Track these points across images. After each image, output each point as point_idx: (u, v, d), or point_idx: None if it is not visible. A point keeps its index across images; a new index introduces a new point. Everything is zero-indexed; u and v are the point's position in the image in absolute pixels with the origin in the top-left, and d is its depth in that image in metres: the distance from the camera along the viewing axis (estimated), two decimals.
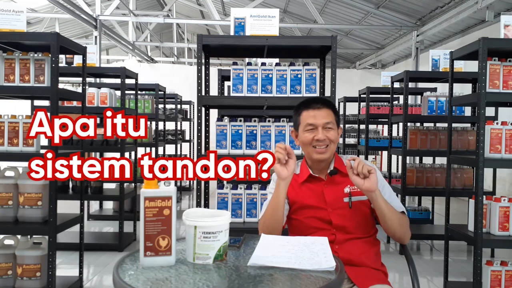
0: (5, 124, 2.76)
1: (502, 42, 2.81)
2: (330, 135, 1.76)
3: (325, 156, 1.76)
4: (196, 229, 1.26)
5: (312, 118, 1.77)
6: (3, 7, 2.84)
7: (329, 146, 1.76)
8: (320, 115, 1.77)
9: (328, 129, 1.76)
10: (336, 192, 1.77)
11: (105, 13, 8.44)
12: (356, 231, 1.74)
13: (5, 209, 2.76)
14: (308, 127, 1.78)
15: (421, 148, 4.34)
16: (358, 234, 1.74)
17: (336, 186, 1.78)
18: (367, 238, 1.76)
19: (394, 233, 1.71)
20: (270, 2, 10.39)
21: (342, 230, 1.73)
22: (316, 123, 1.76)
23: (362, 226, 1.76)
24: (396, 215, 1.68)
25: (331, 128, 1.77)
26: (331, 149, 1.77)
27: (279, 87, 2.86)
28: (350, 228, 1.73)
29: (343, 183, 1.78)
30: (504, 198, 2.82)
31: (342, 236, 1.73)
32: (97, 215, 5.71)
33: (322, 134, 1.75)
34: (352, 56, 13.57)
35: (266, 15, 2.99)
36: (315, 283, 1.16)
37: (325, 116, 1.77)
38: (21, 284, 2.75)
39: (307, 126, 1.78)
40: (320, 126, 1.76)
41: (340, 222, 1.73)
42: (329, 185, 1.79)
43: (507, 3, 6.39)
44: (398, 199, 1.80)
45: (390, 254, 4.32)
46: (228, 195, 2.87)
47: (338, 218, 1.73)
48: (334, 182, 1.79)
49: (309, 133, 1.78)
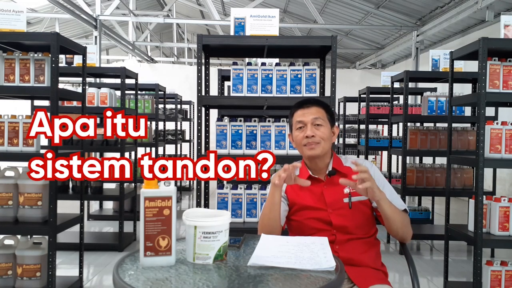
0: (5, 124, 2.76)
1: (502, 42, 2.81)
2: (320, 132, 1.77)
3: (316, 152, 1.76)
4: (196, 229, 1.26)
5: (301, 116, 1.80)
6: (3, 7, 2.84)
7: (320, 143, 1.76)
8: (309, 112, 1.79)
9: (318, 125, 1.77)
10: (336, 193, 1.77)
11: (105, 13, 8.44)
12: (357, 231, 1.74)
13: (5, 209, 2.76)
14: (298, 125, 1.80)
15: (421, 148, 4.34)
16: (359, 234, 1.74)
17: (335, 186, 1.78)
18: (367, 238, 1.76)
19: (396, 232, 1.71)
20: (270, 2, 10.39)
21: (343, 231, 1.73)
22: (304, 120, 1.78)
23: (363, 226, 1.76)
24: (399, 216, 1.68)
25: (321, 124, 1.78)
26: (323, 146, 1.77)
27: (279, 87, 2.86)
28: (350, 229, 1.73)
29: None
30: (504, 198, 2.81)
31: (343, 237, 1.73)
32: (97, 215, 5.71)
33: (311, 131, 1.76)
34: (352, 56, 13.57)
35: (266, 15, 2.99)
36: (315, 283, 1.16)
37: (314, 113, 1.79)
38: (21, 284, 2.75)
39: (297, 124, 1.81)
40: (309, 123, 1.77)
41: (340, 222, 1.73)
42: (329, 186, 1.79)
43: (507, 3, 6.39)
44: (399, 197, 1.80)
45: (390, 254, 4.31)
46: (228, 195, 2.87)
47: (338, 218, 1.73)
48: (334, 182, 1.79)
49: (299, 131, 1.80)
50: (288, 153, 2.84)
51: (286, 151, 2.85)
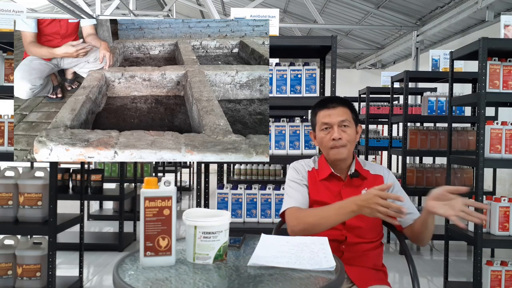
0: (5, 124, 2.76)
1: (502, 42, 2.81)
2: (346, 134, 1.72)
3: (342, 155, 1.73)
4: (196, 229, 1.26)
5: (327, 117, 1.74)
6: (3, 7, 2.84)
7: (346, 146, 1.72)
8: (335, 113, 1.73)
9: (344, 127, 1.73)
10: (354, 194, 1.72)
11: (105, 13, 8.43)
12: (367, 234, 1.72)
13: (5, 209, 2.76)
14: (323, 126, 1.75)
15: (421, 148, 4.34)
16: (369, 238, 1.73)
17: (354, 188, 1.75)
18: (374, 242, 1.75)
19: (423, 238, 1.67)
20: (270, 2, 10.38)
21: (354, 233, 1.71)
22: (331, 122, 1.73)
23: (373, 230, 1.74)
24: (432, 225, 1.65)
25: (347, 126, 1.73)
26: (349, 148, 1.73)
27: (279, 87, 2.86)
28: (361, 231, 1.71)
29: (361, 186, 1.75)
30: (504, 198, 2.81)
31: (353, 239, 1.71)
32: (97, 215, 5.71)
33: (338, 133, 1.71)
34: (352, 56, 13.57)
35: (266, 15, 2.99)
36: (315, 283, 1.16)
37: (340, 115, 1.73)
38: (21, 284, 2.75)
39: (322, 125, 1.75)
40: (336, 125, 1.72)
41: (353, 223, 1.70)
42: (347, 187, 1.76)
43: (507, 3, 6.38)
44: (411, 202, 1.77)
45: (390, 254, 4.31)
46: (228, 195, 2.87)
47: (352, 219, 1.69)
48: (353, 184, 1.76)
49: (325, 132, 1.75)
50: (288, 153, 2.84)
51: (286, 151, 2.85)
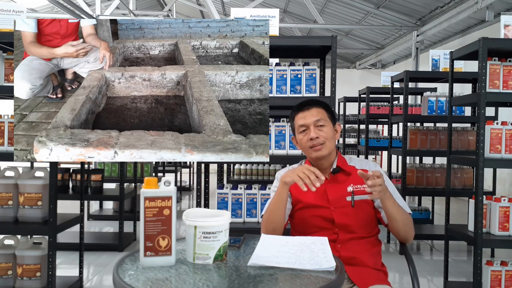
0: (5, 124, 2.76)
1: (502, 42, 2.81)
2: (323, 132, 1.77)
3: (322, 153, 1.77)
4: (196, 229, 1.26)
5: (302, 119, 1.80)
6: (3, 7, 2.84)
7: (325, 144, 1.77)
8: (310, 114, 1.79)
9: (321, 126, 1.78)
10: (339, 191, 1.77)
11: (105, 13, 8.43)
12: (359, 230, 1.74)
13: (5, 209, 2.76)
14: (301, 128, 1.81)
15: (421, 148, 4.34)
16: (361, 233, 1.74)
17: (339, 184, 1.78)
18: (369, 237, 1.76)
19: (398, 231, 1.71)
20: (270, 2, 10.38)
21: (345, 229, 1.73)
22: (306, 123, 1.79)
23: (365, 225, 1.76)
24: (402, 215, 1.68)
25: (323, 125, 1.78)
26: (328, 146, 1.77)
27: (279, 87, 2.85)
28: (352, 227, 1.73)
29: (346, 182, 1.78)
30: (504, 198, 2.81)
31: (345, 236, 1.73)
32: (97, 215, 5.71)
33: (314, 132, 1.76)
34: (352, 56, 13.57)
35: (266, 15, 2.99)
36: (315, 283, 1.16)
37: (315, 115, 1.79)
38: (21, 284, 2.75)
39: (299, 128, 1.81)
40: (312, 125, 1.77)
41: (342, 221, 1.73)
42: (332, 184, 1.79)
43: (507, 3, 6.39)
44: (403, 201, 1.79)
45: (390, 254, 4.31)
46: (228, 195, 2.87)
47: (341, 216, 1.73)
48: (337, 180, 1.80)
49: (303, 134, 1.80)
50: (288, 153, 2.84)
51: (286, 151, 2.85)
